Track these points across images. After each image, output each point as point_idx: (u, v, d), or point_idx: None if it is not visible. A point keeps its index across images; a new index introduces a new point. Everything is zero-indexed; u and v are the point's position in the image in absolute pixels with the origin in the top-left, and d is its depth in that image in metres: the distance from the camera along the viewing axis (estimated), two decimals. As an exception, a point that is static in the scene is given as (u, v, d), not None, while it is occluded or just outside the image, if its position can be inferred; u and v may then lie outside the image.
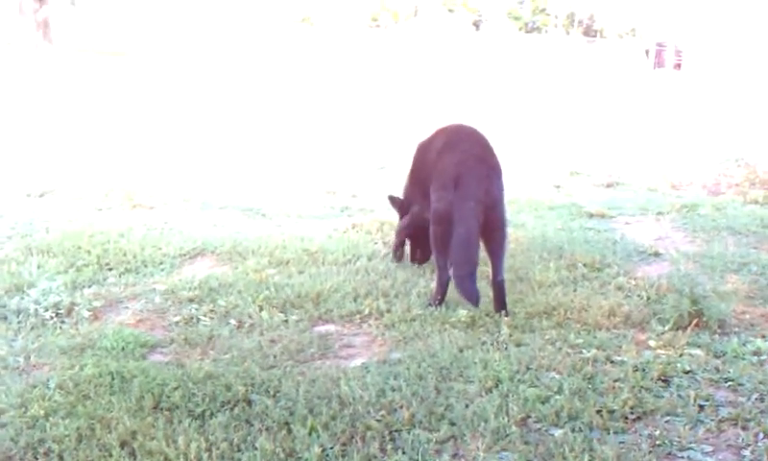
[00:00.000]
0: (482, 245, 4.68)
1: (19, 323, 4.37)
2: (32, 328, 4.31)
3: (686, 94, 24.75)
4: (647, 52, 40.36)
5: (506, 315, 4.53)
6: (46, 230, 6.10)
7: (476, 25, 68.27)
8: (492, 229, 4.65)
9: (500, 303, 4.62)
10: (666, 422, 3.40)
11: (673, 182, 9.09)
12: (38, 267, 5.25)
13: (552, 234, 6.43)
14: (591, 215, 7.38)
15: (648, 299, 4.91)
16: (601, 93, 23.89)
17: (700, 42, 37.76)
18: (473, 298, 4.48)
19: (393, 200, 5.74)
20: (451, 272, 4.58)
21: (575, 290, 5.04)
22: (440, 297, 4.71)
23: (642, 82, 31.19)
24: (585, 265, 5.57)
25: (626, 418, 3.41)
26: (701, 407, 3.51)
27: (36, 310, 4.46)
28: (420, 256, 5.48)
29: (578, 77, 31.73)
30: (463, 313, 4.50)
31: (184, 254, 5.68)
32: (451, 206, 4.56)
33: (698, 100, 22.48)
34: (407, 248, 5.60)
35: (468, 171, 4.62)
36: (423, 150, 5.22)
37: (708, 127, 14.65)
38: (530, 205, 7.72)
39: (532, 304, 4.69)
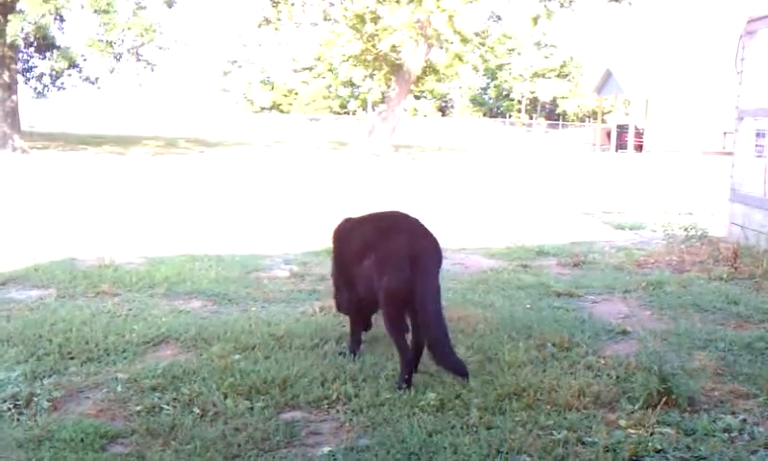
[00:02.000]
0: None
1: (-25, 416, 4.23)
2: (-12, 421, 4.18)
3: (645, 173, 25.24)
4: (608, 134, 41.25)
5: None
6: (7, 320, 5.97)
7: (442, 111, 69.60)
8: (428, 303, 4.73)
9: (415, 365, 4.82)
10: (640, 503, 3.34)
11: (638, 261, 9.18)
12: (-1, 356, 5.13)
13: (521, 314, 6.42)
14: (559, 294, 7.41)
15: (617, 378, 4.89)
16: (562, 173, 24.28)
17: (660, 125, 38.76)
18: (462, 369, 4.60)
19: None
20: (431, 350, 4.63)
21: (545, 370, 5.02)
22: (407, 376, 4.69)
23: (602, 162, 31.77)
24: (554, 344, 5.56)
25: (599, 500, 3.35)
26: (673, 488, 3.47)
27: (-6, 402, 4.33)
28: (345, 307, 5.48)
29: (540, 158, 32.28)
30: (432, 396, 4.44)
31: (148, 342, 5.58)
32: (410, 284, 4.59)
33: (658, 178, 22.93)
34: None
35: (426, 250, 4.77)
36: (348, 236, 5.28)
37: (670, 204, 14.91)
38: (498, 285, 7.74)
39: (501, 386, 4.65)
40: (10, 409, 4.28)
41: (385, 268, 4.72)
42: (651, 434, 4.05)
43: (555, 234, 11.36)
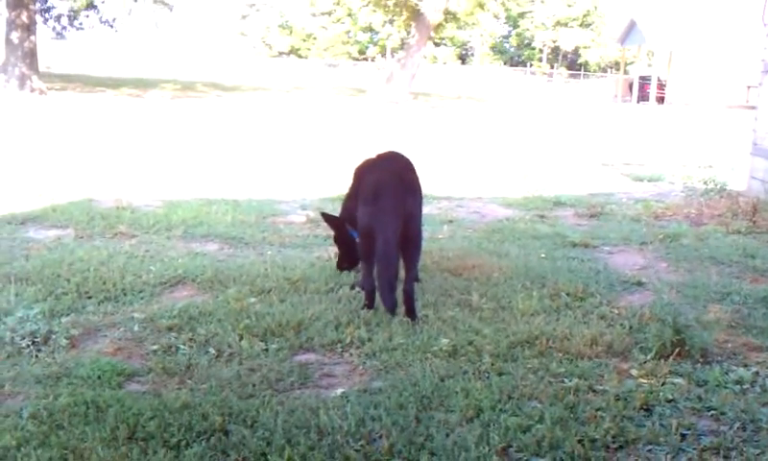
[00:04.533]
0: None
1: (-5, 352, 4.30)
2: (8, 356, 4.25)
3: (667, 125, 24.97)
4: (630, 86, 40.74)
5: (413, 320, 4.82)
6: (26, 259, 6.04)
7: (462, 59, 68.86)
8: (407, 240, 4.98)
9: (408, 310, 4.92)
10: (648, 451, 3.37)
11: (656, 213, 9.13)
12: (16, 295, 5.19)
13: (535, 264, 6.42)
14: (575, 245, 7.38)
15: (630, 328, 4.89)
16: (583, 124, 24.07)
17: (682, 76, 38.21)
18: (390, 306, 4.81)
19: (326, 217, 5.99)
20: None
21: (558, 319, 5.02)
22: (367, 302, 5.05)
23: (624, 113, 31.46)
24: (568, 294, 5.56)
25: (608, 447, 3.37)
26: (683, 436, 3.49)
27: (13, 339, 4.40)
28: (346, 265, 5.81)
29: (561, 108, 31.99)
30: (444, 342, 4.46)
31: (165, 283, 5.62)
32: (372, 219, 4.89)
33: (679, 130, 22.69)
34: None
35: (387, 187, 5.01)
36: (357, 173, 5.67)
37: (688, 157, 14.76)
38: (514, 234, 7.73)
39: (514, 333, 4.66)
40: (28, 346, 4.34)
41: (359, 202, 5.11)
42: (663, 384, 4.05)
43: (573, 185, 11.31)
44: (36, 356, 4.24)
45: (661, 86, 38.61)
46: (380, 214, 4.88)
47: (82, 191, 8.95)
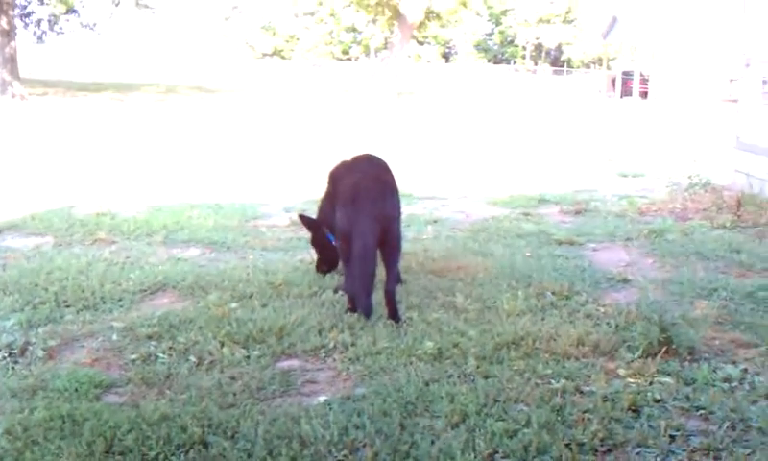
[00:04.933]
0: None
1: (-30, 364, 4.20)
2: (-17, 371, 4.15)
3: (650, 120, 25.02)
4: (613, 81, 40.84)
5: (396, 322, 4.75)
6: (2, 268, 5.93)
7: (446, 57, 68.90)
8: (388, 243, 4.96)
9: (391, 312, 4.85)
10: (637, 454, 3.31)
11: (641, 209, 9.10)
12: (-6, 305, 5.09)
13: (520, 263, 6.36)
14: (560, 242, 7.34)
15: (617, 326, 4.84)
16: (567, 121, 24.08)
17: (665, 71, 38.34)
18: (366, 310, 4.79)
19: (303, 220, 5.99)
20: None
21: (543, 319, 4.97)
22: (350, 306, 4.97)
23: (607, 109, 31.53)
24: (553, 293, 5.50)
25: (596, 451, 3.32)
26: (672, 438, 3.43)
27: (-12, 351, 4.30)
28: (325, 267, 5.78)
29: (545, 105, 32.02)
30: (429, 345, 4.39)
31: (145, 290, 5.53)
32: (350, 222, 4.86)
33: (663, 125, 22.73)
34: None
35: (365, 190, 4.98)
36: (333, 177, 5.62)
37: (672, 152, 14.77)
38: (499, 233, 7.67)
39: (500, 334, 4.60)
40: (5, 358, 4.24)
41: (337, 205, 5.08)
42: (650, 384, 4.00)
43: (558, 182, 11.27)
44: (13, 368, 4.14)
45: (644, 81, 38.71)
46: (358, 217, 4.83)
47: (61, 198, 8.83)
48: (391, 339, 4.53)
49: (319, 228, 5.75)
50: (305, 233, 7.36)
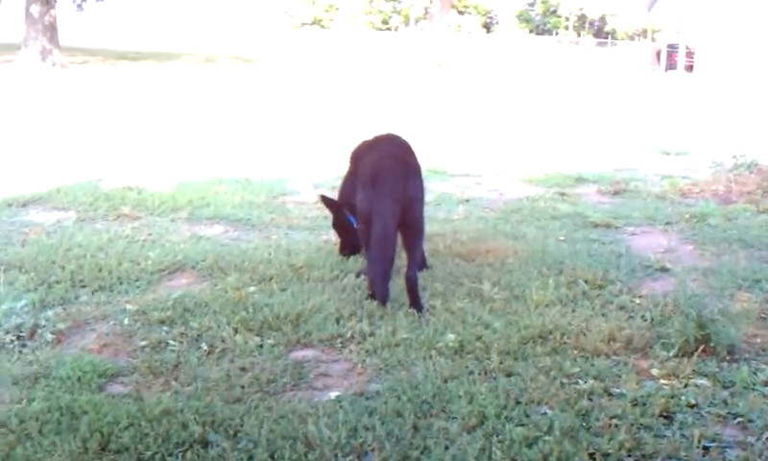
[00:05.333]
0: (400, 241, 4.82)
1: (-22, 347, 4.10)
2: (-10, 353, 4.05)
3: (696, 95, 24.32)
4: (658, 54, 39.85)
5: (418, 311, 4.54)
6: (22, 244, 5.83)
7: (486, 27, 67.96)
8: (409, 226, 4.74)
9: (412, 298, 4.65)
10: (667, 467, 3.07)
11: (682, 190, 8.74)
12: (10, 283, 4.98)
13: (553, 247, 6.10)
14: (596, 225, 7.05)
15: (652, 320, 4.58)
16: (610, 95, 23.50)
17: (711, 44, 37.29)
18: (382, 296, 4.59)
19: (325, 200, 5.76)
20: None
21: (574, 310, 4.72)
22: (370, 291, 4.77)
23: (652, 83, 30.77)
24: (586, 281, 5.25)
25: (622, 462, 3.08)
26: (706, 449, 3.19)
27: (-3, 333, 4.19)
28: (348, 250, 5.59)
29: (587, 78, 31.35)
30: (451, 338, 4.18)
31: (163, 270, 5.39)
32: (370, 204, 4.65)
33: (709, 101, 22.06)
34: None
35: (385, 170, 4.75)
36: (354, 157, 5.41)
37: (718, 129, 14.27)
38: (533, 214, 7.41)
39: (526, 327, 4.37)
40: (12, 341, 4.13)
41: (358, 187, 4.86)
42: (685, 386, 3.75)
43: (597, 159, 10.92)
44: (20, 353, 4.03)
45: (690, 54, 37.65)
46: (378, 198, 4.62)
47: (90, 171, 8.71)
48: (411, 330, 4.33)
49: (340, 209, 5.55)
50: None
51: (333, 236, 6.11)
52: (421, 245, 5.02)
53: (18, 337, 4.17)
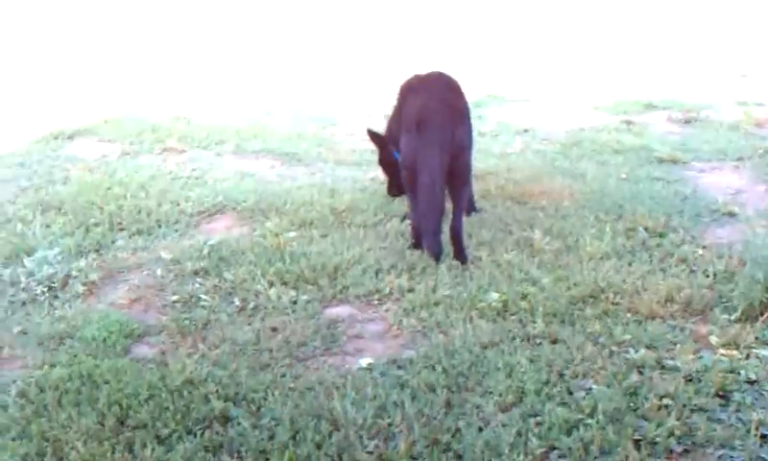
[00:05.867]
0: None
1: (11, 298, 4.05)
2: (22, 304, 4.00)
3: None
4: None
5: (463, 262, 4.35)
6: (63, 182, 5.76)
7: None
8: (456, 175, 4.43)
9: (457, 251, 4.45)
10: (719, 457, 2.81)
11: (758, 120, 8.16)
12: (47, 226, 4.92)
13: (613, 188, 5.73)
14: (662, 161, 6.63)
15: (715, 276, 4.24)
16: (692, 9, 22.25)
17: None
18: (435, 252, 4.33)
19: (371, 135, 5.32)
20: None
21: (630, 263, 4.40)
22: (414, 240, 4.57)
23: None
24: (646, 229, 4.91)
25: (670, 451, 2.83)
26: (764, 438, 2.90)
27: (29, 284, 4.12)
28: (396, 191, 5.24)
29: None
30: (494, 297, 3.93)
31: (203, 212, 5.26)
32: (415, 151, 4.33)
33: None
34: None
35: (432, 115, 4.39)
36: (402, 92, 4.98)
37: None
38: (594, 148, 7.00)
39: (576, 285, 4.09)
40: (44, 293, 4.06)
41: (403, 129, 4.57)
42: (747, 357, 3.45)
43: (671, 83, 10.29)
44: (50, 306, 3.97)
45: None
46: (424, 146, 4.30)
47: (142, 102, 8.57)
48: (453, 286, 4.10)
49: (386, 145, 5.21)
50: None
51: (380, 174, 5.87)
52: (469, 192, 4.75)
53: (50, 288, 4.11)
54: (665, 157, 6.69)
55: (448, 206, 4.56)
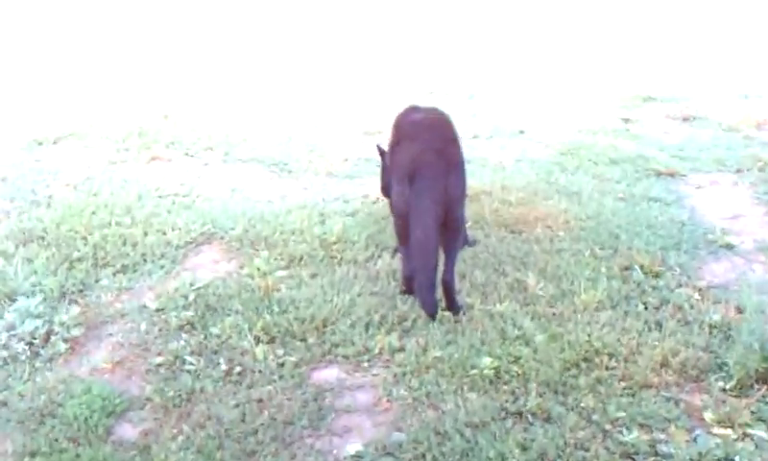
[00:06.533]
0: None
1: (-10, 357, 3.95)
2: (4, 364, 3.89)
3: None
4: None
5: (456, 314, 4.27)
6: (47, 204, 5.62)
7: None
8: (448, 228, 4.26)
9: (449, 301, 4.34)
10: None
11: (757, 120, 8.03)
12: (29, 261, 4.80)
13: (609, 213, 5.62)
14: (659, 174, 6.53)
15: (711, 330, 4.16)
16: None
17: None
18: (431, 309, 4.16)
19: (380, 150, 5.15)
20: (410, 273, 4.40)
21: (626, 314, 4.31)
22: (405, 287, 4.48)
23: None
24: (642, 267, 4.81)
25: None
26: None
27: (10, 341, 4.02)
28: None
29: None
30: (487, 362, 3.84)
31: (190, 242, 5.14)
32: (407, 204, 4.18)
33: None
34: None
35: (426, 168, 4.19)
36: (397, 129, 4.73)
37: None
38: (590, 157, 6.88)
39: (570, 345, 4.00)
40: (25, 350, 3.95)
41: (393, 176, 4.44)
42: (742, 436, 3.39)
43: (672, 75, 10.13)
44: (32, 366, 3.86)
45: None
46: (417, 200, 4.14)
47: (132, 100, 8.40)
48: (444, 345, 4.00)
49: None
50: (374, 154, 6.83)
51: (372, 192, 5.78)
52: (460, 246, 4.60)
53: (31, 345, 3.99)
54: (663, 170, 6.59)
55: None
